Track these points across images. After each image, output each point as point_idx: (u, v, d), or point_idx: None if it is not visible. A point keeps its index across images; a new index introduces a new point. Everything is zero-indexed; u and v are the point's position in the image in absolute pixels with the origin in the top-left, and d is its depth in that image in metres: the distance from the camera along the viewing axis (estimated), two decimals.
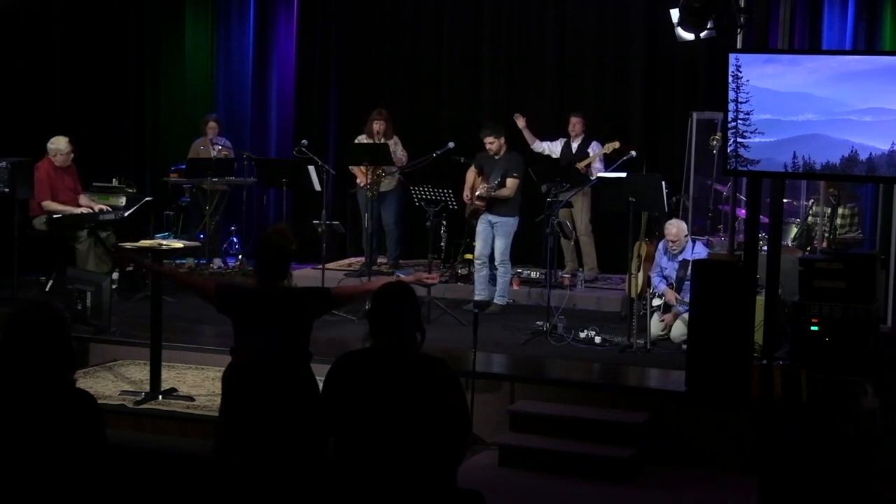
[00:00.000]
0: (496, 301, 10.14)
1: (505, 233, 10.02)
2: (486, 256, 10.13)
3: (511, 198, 9.98)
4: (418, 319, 4.29)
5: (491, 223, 10.06)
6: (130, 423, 7.50)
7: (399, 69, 12.88)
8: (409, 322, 4.23)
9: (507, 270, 10.14)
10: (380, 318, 4.23)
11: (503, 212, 10.00)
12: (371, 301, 4.35)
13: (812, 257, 8.25)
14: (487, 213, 10.05)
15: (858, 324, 7.38)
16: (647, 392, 7.69)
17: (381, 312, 4.24)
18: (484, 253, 10.11)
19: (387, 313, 4.23)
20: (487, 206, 10.04)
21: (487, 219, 10.07)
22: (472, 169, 10.44)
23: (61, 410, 3.53)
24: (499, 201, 9.99)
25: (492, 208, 10.03)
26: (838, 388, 7.14)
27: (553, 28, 12.24)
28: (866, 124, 6.91)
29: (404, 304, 4.27)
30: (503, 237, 10.01)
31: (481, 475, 6.96)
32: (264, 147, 13.11)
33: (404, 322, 4.21)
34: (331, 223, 10.88)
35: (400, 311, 4.23)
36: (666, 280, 9.12)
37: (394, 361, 4.19)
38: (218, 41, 13.32)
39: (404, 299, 4.29)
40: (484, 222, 10.11)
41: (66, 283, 9.21)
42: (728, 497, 6.84)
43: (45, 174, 10.15)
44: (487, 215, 10.06)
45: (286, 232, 5.56)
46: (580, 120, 11.15)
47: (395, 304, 4.26)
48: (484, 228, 10.11)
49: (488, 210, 10.04)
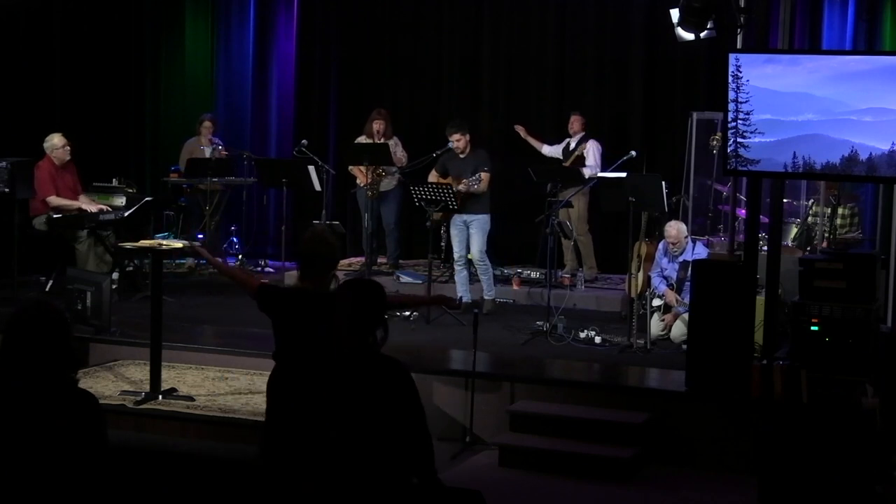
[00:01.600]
0: (486, 297, 10.08)
1: (480, 231, 9.92)
2: (465, 257, 10.08)
3: (485, 193, 9.93)
4: (381, 318, 4.24)
5: (465, 222, 10.00)
6: (130, 423, 7.49)
7: (399, 69, 12.88)
8: (370, 319, 4.20)
9: (488, 266, 10.06)
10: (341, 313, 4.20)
11: (476, 209, 9.92)
12: (335, 295, 4.30)
13: (812, 257, 8.24)
14: (460, 213, 9.97)
15: (858, 324, 7.37)
16: (647, 392, 7.69)
17: (342, 306, 4.21)
18: (462, 253, 10.06)
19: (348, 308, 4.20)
20: (459, 206, 9.96)
21: (462, 219, 9.99)
22: (433, 172, 10.36)
23: (64, 411, 3.53)
24: (471, 199, 9.90)
25: (464, 207, 9.93)
26: (838, 388, 7.14)
27: (553, 28, 12.24)
28: (866, 124, 6.91)
29: (368, 301, 4.23)
30: (478, 235, 9.91)
31: (481, 475, 6.97)
32: (264, 147, 13.12)
33: (365, 319, 4.18)
34: (331, 223, 10.89)
35: (362, 308, 4.19)
36: (666, 281, 9.12)
37: (350, 358, 4.15)
38: (218, 41, 13.33)
39: (369, 296, 4.26)
40: (458, 223, 10.02)
41: (66, 283, 9.20)
42: (728, 497, 6.84)
43: (46, 172, 10.17)
44: (461, 215, 9.98)
45: (325, 233, 5.54)
46: (579, 118, 11.15)
47: (359, 299, 4.22)
48: (459, 230, 10.03)
49: (460, 210, 9.95)
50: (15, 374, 3.55)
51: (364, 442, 4.04)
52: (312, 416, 4.10)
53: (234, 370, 8.40)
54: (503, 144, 11.97)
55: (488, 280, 10.12)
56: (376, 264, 11.33)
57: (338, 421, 4.05)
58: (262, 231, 12.85)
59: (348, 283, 4.36)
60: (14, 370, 3.55)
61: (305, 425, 4.08)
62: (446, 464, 6.98)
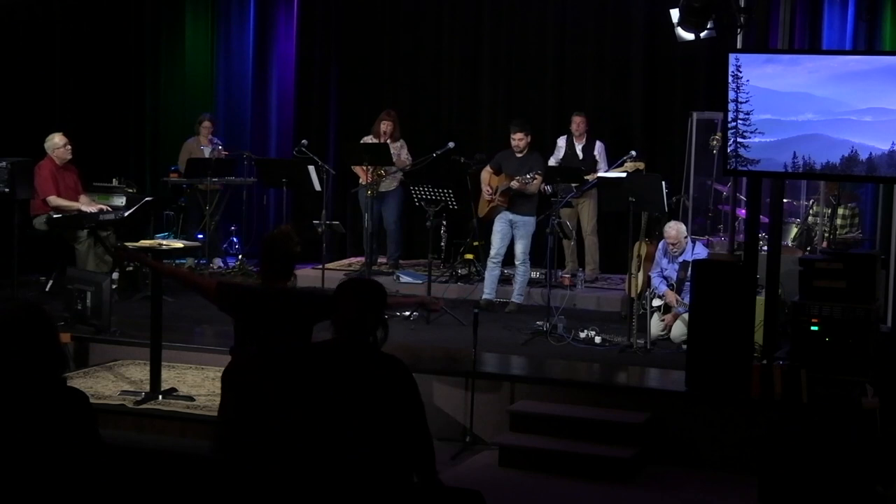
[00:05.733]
0: (514, 300, 10.14)
1: (526, 233, 10.01)
2: (502, 256, 10.10)
3: (535, 195, 9.98)
4: (382, 317, 4.24)
5: (511, 222, 10.03)
6: (130, 423, 7.50)
7: (399, 69, 12.89)
8: (370, 318, 4.20)
9: (527, 270, 10.15)
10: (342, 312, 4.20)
11: (524, 210, 9.99)
12: (335, 293, 4.31)
13: (812, 257, 8.25)
14: (508, 211, 10.01)
15: (858, 324, 7.38)
16: (647, 392, 7.69)
17: (343, 306, 4.21)
18: (500, 252, 10.08)
19: (349, 307, 4.20)
20: (509, 205, 9.99)
21: (507, 217, 10.03)
22: (487, 168, 10.40)
23: (53, 410, 3.53)
24: (520, 200, 9.95)
25: (513, 207, 9.99)
26: (838, 388, 7.15)
27: (553, 28, 12.24)
28: (866, 124, 6.92)
29: (368, 299, 4.22)
30: (524, 238, 10.00)
31: (481, 475, 6.97)
32: (264, 147, 13.12)
33: (366, 317, 4.18)
34: (331, 223, 10.89)
35: (362, 306, 4.19)
36: (666, 281, 9.12)
37: (351, 356, 4.15)
38: (218, 41, 13.33)
39: (370, 295, 4.26)
40: (503, 221, 10.06)
41: (66, 283, 9.21)
42: (728, 497, 6.84)
43: (48, 172, 10.18)
44: (507, 214, 10.02)
45: (290, 233, 5.56)
46: (583, 119, 11.12)
47: (359, 298, 4.22)
48: (502, 227, 10.06)
49: (509, 208, 10.00)
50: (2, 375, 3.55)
51: (365, 441, 4.04)
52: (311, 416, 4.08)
53: None
54: (503, 144, 11.94)
55: (522, 284, 10.16)
56: (376, 264, 11.33)
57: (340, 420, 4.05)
58: (262, 231, 12.82)
59: (349, 283, 4.36)
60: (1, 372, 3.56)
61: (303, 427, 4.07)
62: (446, 464, 6.99)
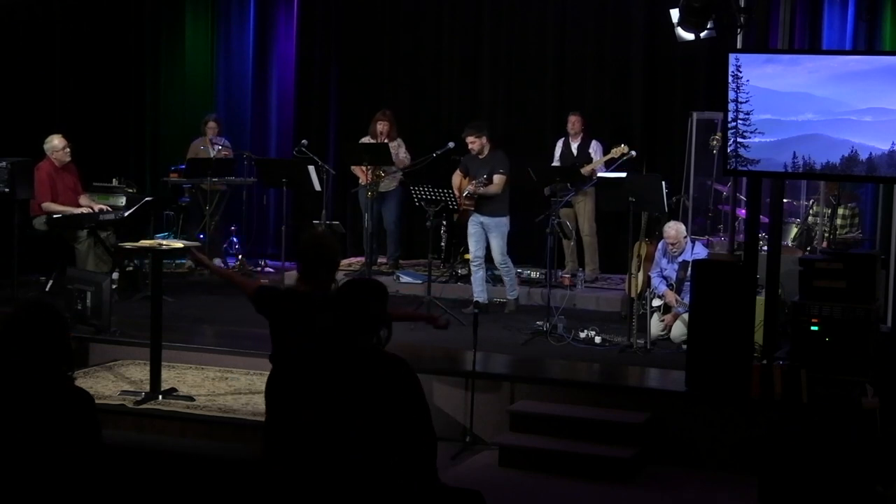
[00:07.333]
0: (509, 297, 10.17)
1: (500, 233, 9.98)
2: (481, 258, 10.10)
3: (499, 195, 9.94)
4: (385, 317, 4.25)
5: (482, 224, 10.02)
6: (130, 423, 7.49)
7: (399, 69, 12.88)
8: (374, 319, 4.19)
9: (511, 268, 10.16)
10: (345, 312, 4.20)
11: (492, 211, 9.96)
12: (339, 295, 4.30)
13: (812, 257, 8.24)
14: (476, 213, 10.00)
15: (858, 324, 7.37)
16: (647, 392, 7.69)
17: (347, 306, 4.21)
18: (478, 255, 10.07)
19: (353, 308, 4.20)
20: (476, 206, 9.99)
21: (478, 220, 10.03)
22: (457, 172, 10.39)
23: (59, 409, 3.54)
24: (487, 200, 9.94)
25: (480, 208, 9.98)
26: (838, 388, 7.14)
27: (553, 28, 12.24)
28: (866, 124, 6.92)
29: (372, 300, 4.22)
30: (497, 237, 9.97)
31: (481, 475, 6.97)
32: (264, 147, 13.12)
33: (369, 318, 4.18)
34: (331, 223, 10.89)
35: (366, 307, 4.19)
36: (666, 281, 9.12)
37: (355, 356, 4.15)
38: (218, 41, 13.33)
39: (373, 295, 4.25)
40: (474, 223, 10.06)
41: (66, 283, 9.20)
42: (728, 497, 6.84)
43: (45, 175, 10.16)
44: (477, 216, 10.01)
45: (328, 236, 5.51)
46: (579, 118, 11.12)
47: (363, 298, 4.22)
48: (476, 230, 10.06)
49: (477, 210, 9.99)
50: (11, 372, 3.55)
51: (370, 441, 4.04)
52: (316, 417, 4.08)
53: (234, 370, 8.40)
54: (503, 144, 11.94)
55: (511, 281, 10.19)
56: (376, 264, 11.32)
57: (344, 421, 4.05)
58: (262, 231, 12.86)
59: (352, 283, 4.36)
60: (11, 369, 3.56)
61: (308, 427, 4.07)
62: (446, 464, 6.98)
